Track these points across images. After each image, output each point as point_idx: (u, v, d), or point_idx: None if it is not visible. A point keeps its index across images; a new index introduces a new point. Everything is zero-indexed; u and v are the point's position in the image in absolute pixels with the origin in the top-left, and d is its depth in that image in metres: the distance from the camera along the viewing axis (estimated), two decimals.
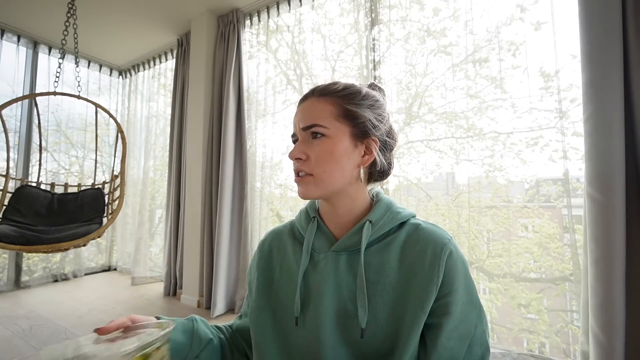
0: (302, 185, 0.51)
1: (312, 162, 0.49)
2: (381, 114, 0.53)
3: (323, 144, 0.49)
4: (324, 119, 0.50)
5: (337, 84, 0.52)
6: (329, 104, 0.50)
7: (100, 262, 3.36)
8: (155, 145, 3.18)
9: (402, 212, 0.54)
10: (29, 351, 1.61)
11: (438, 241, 0.48)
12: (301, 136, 0.52)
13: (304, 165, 0.50)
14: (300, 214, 0.61)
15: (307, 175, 0.50)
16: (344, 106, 0.50)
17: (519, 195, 1.58)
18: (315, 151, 0.49)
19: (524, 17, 1.49)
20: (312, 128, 0.50)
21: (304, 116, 0.52)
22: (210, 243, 2.27)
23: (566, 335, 1.45)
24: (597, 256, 1.09)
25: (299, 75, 2.29)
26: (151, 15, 2.47)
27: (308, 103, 0.52)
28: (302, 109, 0.53)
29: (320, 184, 0.50)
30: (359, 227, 0.51)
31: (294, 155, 0.51)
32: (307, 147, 0.50)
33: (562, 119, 1.38)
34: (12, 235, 1.48)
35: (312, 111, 0.51)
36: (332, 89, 0.52)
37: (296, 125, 0.53)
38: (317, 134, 0.50)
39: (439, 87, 1.72)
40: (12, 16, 2.50)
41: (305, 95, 0.54)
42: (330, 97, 0.51)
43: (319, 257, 0.53)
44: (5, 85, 2.66)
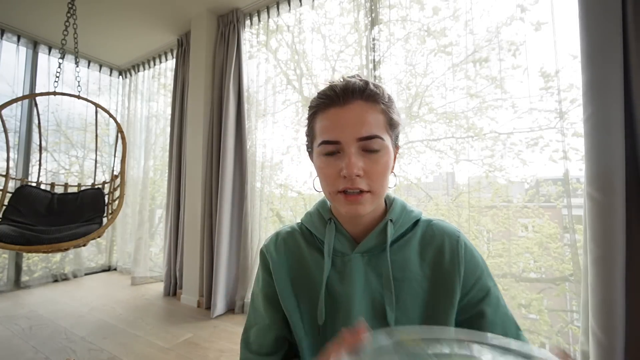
0: (359, 204, 0.46)
1: (371, 178, 0.45)
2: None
3: (382, 158, 0.46)
4: (381, 130, 0.46)
5: (380, 89, 0.48)
6: (380, 113, 0.47)
7: (100, 262, 3.36)
8: (155, 145, 3.18)
9: (414, 210, 0.55)
10: (29, 351, 1.61)
11: (452, 235, 0.51)
12: (351, 147, 0.45)
13: (361, 182, 0.45)
14: (310, 216, 0.58)
15: (365, 193, 0.46)
16: (389, 115, 0.48)
17: (519, 195, 1.58)
18: (375, 166, 0.45)
19: (524, 17, 1.49)
20: (373, 139, 0.45)
21: (359, 123, 0.45)
22: (210, 243, 2.27)
23: (566, 335, 1.45)
24: (597, 256, 1.09)
25: (299, 75, 2.29)
26: (151, 15, 2.47)
27: (357, 108, 0.46)
28: (349, 114, 0.45)
29: (375, 199, 0.47)
30: (382, 227, 0.51)
31: (356, 172, 0.44)
32: (363, 162, 0.45)
33: (562, 119, 1.38)
34: (12, 235, 1.48)
35: (369, 119, 0.45)
36: (380, 95, 0.47)
37: (345, 133, 0.45)
38: (375, 149, 0.45)
39: (439, 87, 1.72)
40: (12, 16, 2.50)
41: (343, 96, 0.46)
42: (379, 104, 0.47)
43: (341, 260, 0.52)
44: (5, 85, 2.66)
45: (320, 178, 0.50)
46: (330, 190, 0.48)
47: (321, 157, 0.48)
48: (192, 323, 1.97)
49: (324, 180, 0.48)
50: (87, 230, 1.66)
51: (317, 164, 0.49)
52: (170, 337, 1.77)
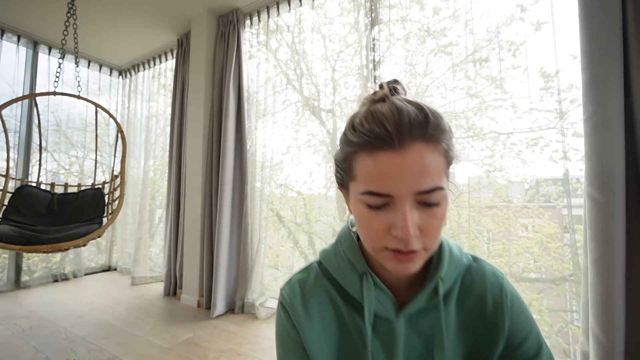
0: (410, 263, 0.39)
1: (427, 235, 0.38)
2: None
3: (439, 211, 0.38)
4: (442, 177, 0.38)
5: (442, 120, 0.38)
6: (441, 155, 0.38)
7: (100, 262, 3.36)
8: (155, 145, 3.18)
9: (457, 254, 0.48)
10: (29, 351, 1.61)
11: (495, 282, 0.46)
12: (407, 202, 0.36)
13: (417, 242, 0.37)
14: (337, 264, 0.48)
15: (418, 252, 0.38)
16: (449, 153, 0.39)
17: (519, 195, 1.58)
18: (433, 221, 0.38)
19: (524, 17, 1.49)
20: (434, 192, 0.36)
21: (419, 173, 0.36)
22: (210, 243, 2.27)
23: (566, 335, 1.45)
24: (597, 256, 1.09)
25: (299, 75, 2.29)
26: (151, 15, 2.47)
27: (416, 153, 0.36)
28: (407, 161, 0.36)
29: (428, 255, 0.40)
30: (433, 288, 0.44)
31: (414, 233, 0.36)
32: (419, 218, 0.37)
33: (562, 119, 1.38)
34: (12, 235, 1.48)
35: (431, 167, 0.36)
36: (442, 131, 0.38)
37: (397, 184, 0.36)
38: (435, 202, 0.37)
39: (439, 87, 1.72)
40: (12, 16, 2.50)
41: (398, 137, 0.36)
42: (441, 143, 0.37)
43: (385, 326, 0.45)
44: (5, 85, 2.66)
45: (360, 228, 0.41)
46: (374, 245, 0.40)
47: (363, 207, 0.39)
48: (192, 323, 1.97)
49: (367, 234, 0.40)
50: (87, 230, 1.66)
51: (358, 212, 0.40)
52: (170, 337, 1.77)
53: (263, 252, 2.17)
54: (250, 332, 1.85)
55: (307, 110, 2.23)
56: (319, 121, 2.23)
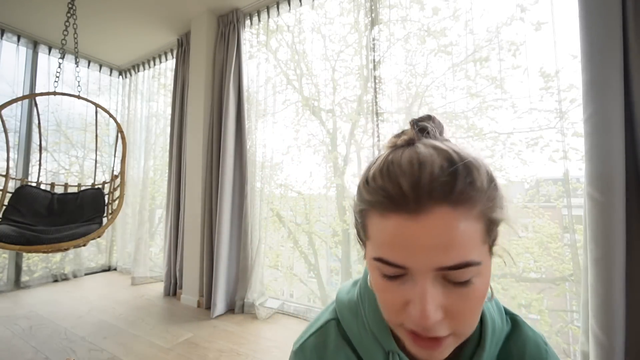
0: (434, 351, 0.31)
1: (457, 319, 0.30)
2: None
3: (475, 289, 0.30)
4: (476, 250, 0.29)
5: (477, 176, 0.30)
6: (475, 221, 0.29)
7: (100, 262, 3.36)
8: (155, 145, 3.18)
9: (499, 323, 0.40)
10: (29, 351, 1.61)
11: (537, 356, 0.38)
12: (429, 278, 0.29)
13: (442, 328, 0.30)
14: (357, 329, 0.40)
15: (445, 338, 0.31)
16: (489, 217, 0.30)
17: (519, 195, 1.58)
18: (464, 304, 0.30)
19: (524, 17, 1.49)
20: (461, 269, 0.29)
21: (441, 246, 0.28)
22: (210, 243, 2.27)
23: (566, 335, 1.45)
24: (597, 256, 1.09)
25: (299, 75, 2.29)
26: (151, 15, 2.47)
27: (439, 221, 0.28)
28: (426, 229, 0.28)
29: (460, 340, 0.32)
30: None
31: (434, 321, 0.29)
32: (444, 299, 0.30)
33: (562, 119, 1.38)
34: (12, 235, 1.48)
35: (456, 238, 0.28)
36: (477, 190, 0.29)
37: (413, 256, 0.29)
38: (466, 279, 0.29)
39: (439, 87, 1.72)
40: (12, 16, 2.50)
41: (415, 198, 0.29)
42: (475, 206, 0.29)
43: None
44: (5, 85, 2.65)
45: (377, 297, 0.35)
46: (390, 321, 0.34)
47: (378, 274, 0.32)
48: (192, 323, 1.97)
49: (382, 306, 0.34)
50: (87, 230, 1.66)
51: (373, 278, 0.34)
52: (170, 337, 1.77)
53: (263, 252, 2.17)
54: (250, 332, 1.85)
55: (307, 110, 2.23)
56: (319, 121, 2.23)
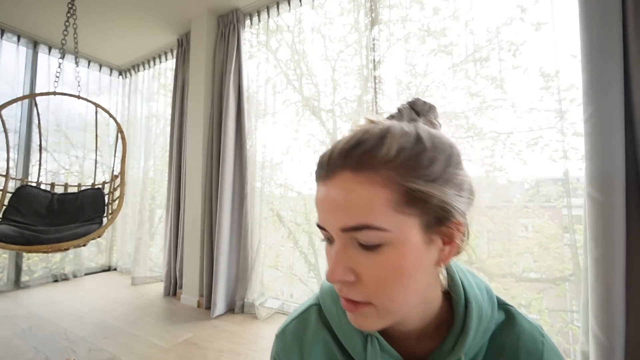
0: (359, 317, 0.33)
1: (368, 286, 0.31)
2: (461, 176, 0.34)
3: (384, 258, 0.31)
4: (380, 215, 0.30)
5: (386, 143, 0.31)
6: (381, 187, 0.30)
7: (100, 262, 3.36)
8: (155, 145, 3.18)
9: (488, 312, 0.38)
10: (29, 351, 1.61)
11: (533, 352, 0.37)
12: (339, 239, 0.32)
13: (353, 291, 0.32)
14: (337, 314, 0.40)
15: (363, 305, 0.32)
16: (405, 186, 0.30)
17: (519, 195, 1.58)
18: (371, 270, 0.31)
19: (524, 17, 1.49)
20: (361, 231, 0.30)
21: (340, 207, 0.31)
22: (210, 243, 2.27)
23: (566, 335, 1.45)
24: (597, 256, 1.09)
25: (299, 75, 2.29)
26: (151, 15, 2.47)
27: (342, 182, 0.31)
28: (332, 192, 0.31)
29: (387, 315, 0.32)
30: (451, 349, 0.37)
31: (336, 279, 0.31)
32: (353, 262, 0.31)
33: (562, 119, 1.38)
34: (12, 235, 1.48)
35: (355, 200, 0.30)
36: (381, 158, 0.30)
37: (327, 219, 0.32)
38: (372, 244, 0.30)
39: (439, 87, 1.72)
40: (12, 16, 2.50)
41: (328, 164, 0.32)
42: (380, 171, 0.30)
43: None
44: (5, 85, 2.65)
45: None
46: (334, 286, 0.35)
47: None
48: (192, 323, 1.97)
49: None
50: (87, 230, 1.66)
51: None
52: (170, 337, 1.77)
53: (263, 252, 2.17)
54: (250, 332, 1.85)
55: (307, 110, 2.23)
56: (319, 121, 2.22)
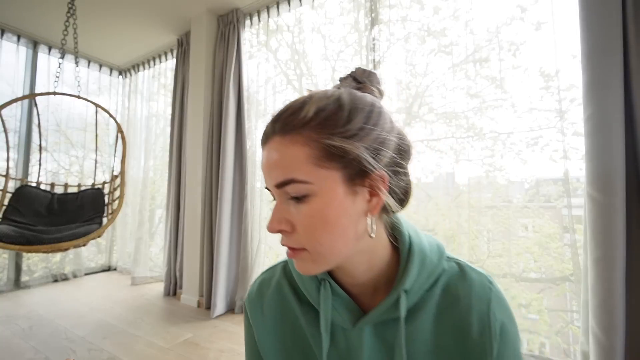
0: (298, 261, 0.38)
1: (300, 233, 0.36)
2: (379, 134, 0.36)
3: (310, 208, 0.35)
4: (302, 170, 0.34)
5: (305, 108, 0.35)
6: (302, 145, 0.34)
7: (100, 262, 3.36)
8: (155, 145, 3.18)
9: (434, 260, 0.42)
10: (29, 351, 1.61)
11: (482, 296, 0.40)
12: (277, 195, 0.37)
13: (290, 239, 0.37)
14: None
15: (299, 250, 0.37)
16: (323, 143, 0.34)
17: (519, 195, 1.58)
18: (301, 219, 0.35)
19: (524, 17, 1.49)
20: (289, 185, 0.35)
21: (273, 167, 0.36)
22: (210, 243, 2.27)
23: (566, 335, 1.45)
24: (597, 256, 1.09)
25: (299, 75, 2.29)
26: (151, 15, 2.47)
27: (273, 146, 0.36)
28: (267, 154, 0.37)
29: (320, 259, 0.37)
30: (394, 302, 0.39)
31: (274, 228, 0.36)
32: (288, 214, 0.36)
33: (562, 119, 1.38)
34: (12, 235, 1.48)
35: (282, 159, 0.35)
36: (300, 119, 0.35)
37: (267, 180, 0.38)
38: (299, 195, 0.35)
39: (439, 87, 1.72)
40: (12, 16, 2.50)
41: (265, 133, 0.38)
42: (300, 132, 0.35)
43: (343, 336, 0.42)
44: (5, 85, 2.65)
45: None
46: None
47: None
48: (192, 323, 1.97)
49: None
50: (87, 230, 1.66)
51: None
52: (170, 337, 1.77)
53: (263, 252, 2.17)
54: None
55: None
56: None
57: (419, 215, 1.80)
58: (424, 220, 1.78)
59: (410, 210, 1.80)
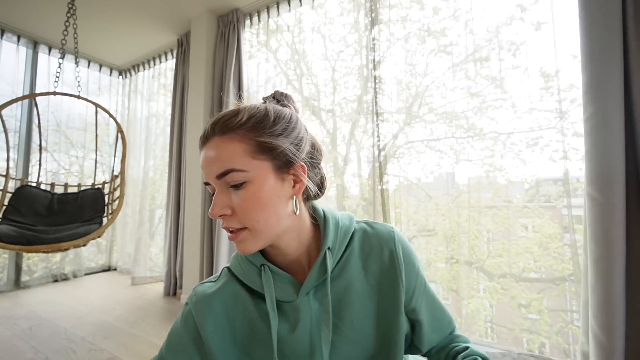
0: (239, 243, 0.44)
1: (239, 214, 0.42)
2: (298, 134, 0.46)
3: (247, 191, 0.42)
4: (239, 161, 0.42)
5: (240, 114, 0.44)
6: (238, 142, 0.42)
7: (100, 262, 3.36)
8: (155, 145, 3.18)
9: (346, 222, 0.52)
10: (29, 351, 1.61)
11: (388, 238, 0.51)
12: (217, 186, 0.43)
13: (232, 221, 0.43)
14: (239, 265, 0.51)
15: (239, 230, 0.43)
16: (256, 140, 0.43)
17: (519, 195, 1.58)
18: (239, 203, 0.42)
19: (524, 17, 1.49)
20: (229, 175, 0.42)
21: (213, 161, 0.43)
22: (210, 243, 2.27)
23: (566, 335, 1.45)
24: (597, 256, 1.09)
25: (299, 75, 2.29)
26: (151, 15, 2.47)
27: (213, 146, 0.43)
28: (208, 153, 0.44)
29: (259, 235, 0.43)
30: (321, 261, 0.47)
31: (216, 213, 0.42)
32: (228, 199, 0.43)
33: (562, 119, 1.38)
34: (12, 235, 1.48)
35: (221, 154, 0.42)
36: (236, 122, 0.43)
37: (208, 174, 0.44)
38: (237, 182, 0.42)
39: (439, 87, 1.72)
40: (12, 16, 2.50)
41: (205, 135, 0.45)
42: (237, 132, 0.43)
43: (290, 307, 0.48)
44: (5, 85, 2.65)
45: None
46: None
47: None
48: None
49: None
50: (87, 230, 1.66)
51: None
52: None
53: None
54: None
55: (307, 110, 2.23)
56: (319, 121, 2.22)
57: (419, 215, 1.80)
58: (424, 220, 1.78)
59: (410, 210, 1.80)
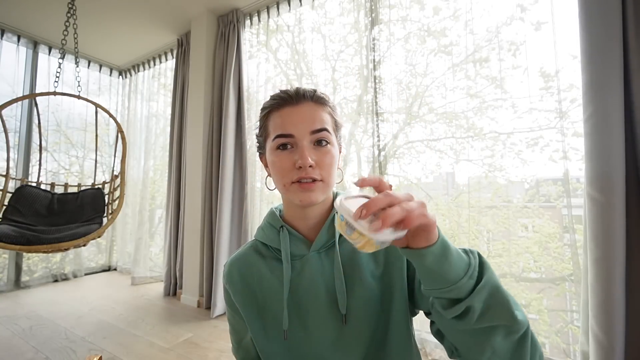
0: (312, 192, 0.49)
1: (322, 167, 0.49)
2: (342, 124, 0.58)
3: (330, 151, 0.51)
4: (329, 126, 0.52)
5: (326, 95, 0.54)
6: (327, 114, 0.52)
7: (100, 262, 3.36)
8: (155, 145, 3.18)
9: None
10: (29, 351, 1.61)
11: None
12: (304, 140, 0.50)
13: (314, 172, 0.49)
14: (262, 230, 0.60)
15: (316, 181, 0.49)
16: (335, 119, 0.54)
17: (519, 195, 1.58)
18: (325, 157, 0.50)
19: (524, 17, 1.49)
20: (323, 132, 0.50)
21: (312, 118, 0.50)
22: (210, 243, 2.27)
23: (566, 335, 1.45)
24: (597, 256, 1.09)
25: (299, 75, 2.29)
26: (151, 15, 2.47)
27: (308, 107, 0.51)
28: (302, 111, 0.51)
29: (327, 188, 0.51)
30: (331, 221, 0.55)
31: (308, 163, 0.48)
32: (314, 153, 0.49)
33: (562, 119, 1.38)
34: (12, 235, 1.48)
35: (320, 115, 0.51)
36: (327, 100, 0.53)
37: (302, 127, 0.50)
38: (323, 141, 0.50)
39: (439, 87, 1.71)
40: (12, 16, 2.50)
41: (295, 97, 0.51)
42: (327, 106, 0.53)
43: (300, 262, 0.55)
44: (5, 85, 2.66)
45: (274, 172, 0.52)
46: (285, 182, 0.50)
47: (275, 152, 0.51)
48: (192, 323, 1.97)
49: (279, 173, 0.51)
50: (87, 230, 1.66)
51: (271, 159, 0.52)
52: (170, 337, 1.77)
53: None
54: None
55: None
56: None
57: None
58: None
59: None
